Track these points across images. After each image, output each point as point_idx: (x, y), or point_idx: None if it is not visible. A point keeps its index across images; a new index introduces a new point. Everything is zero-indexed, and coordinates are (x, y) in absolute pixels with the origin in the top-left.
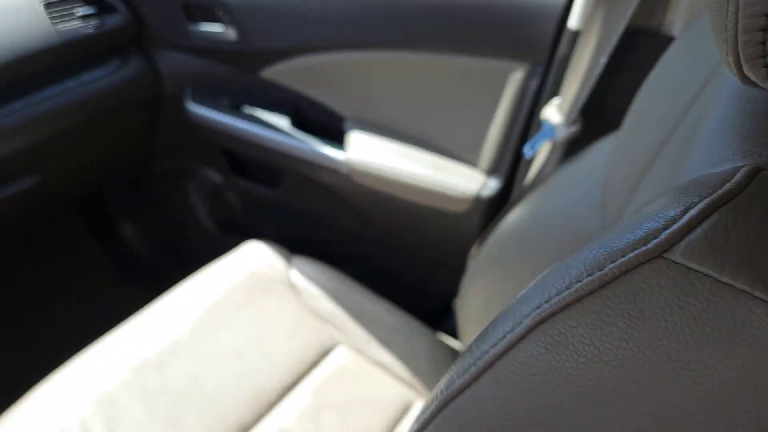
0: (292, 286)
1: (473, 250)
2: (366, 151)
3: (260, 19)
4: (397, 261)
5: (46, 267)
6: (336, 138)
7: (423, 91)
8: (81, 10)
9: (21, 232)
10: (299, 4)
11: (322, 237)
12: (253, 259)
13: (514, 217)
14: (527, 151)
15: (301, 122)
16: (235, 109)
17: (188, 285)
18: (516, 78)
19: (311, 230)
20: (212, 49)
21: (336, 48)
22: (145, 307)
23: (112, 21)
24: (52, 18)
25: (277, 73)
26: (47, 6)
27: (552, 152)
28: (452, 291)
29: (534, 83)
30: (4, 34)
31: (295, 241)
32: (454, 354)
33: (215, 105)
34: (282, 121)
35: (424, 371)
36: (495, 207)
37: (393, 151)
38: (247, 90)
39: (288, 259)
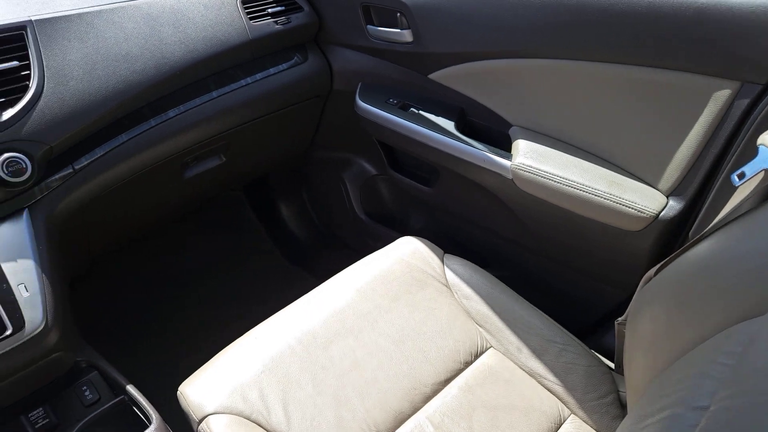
0: (446, 284)
1: (648, 273)
2: (534, 159)
3: (438, 23)
4: (554, 271)
5: (215, 236)
6: (500, 144)
7: (603, 103)
8: (271, 8)
9: (199, 205)
10: (480, 10)
11: (475, 238)
12: (410, 253)
13: (705, 249)
14: (736, 179)
15: (465, 125)
16: (402, 108)
17: (350, 271)
18: (721, 96)
19: (464, 230)
20: (385, 49)
21: (512, 55)
22: (296, 280)
23: (297, 18)
24: (248, 14)
25: (446, 75)
26: (244, 3)
27: (762, 182)
28: (610, 309)
29: (743, 103)
30: (207, 29)
31: (446, 239)
32: (610, 375)
33: (383, 103)
34: (447, 123)
35: (579, 387)
36: (673, 230)
37: (564, 161)
38: (415, 90)
39: (441, 257)
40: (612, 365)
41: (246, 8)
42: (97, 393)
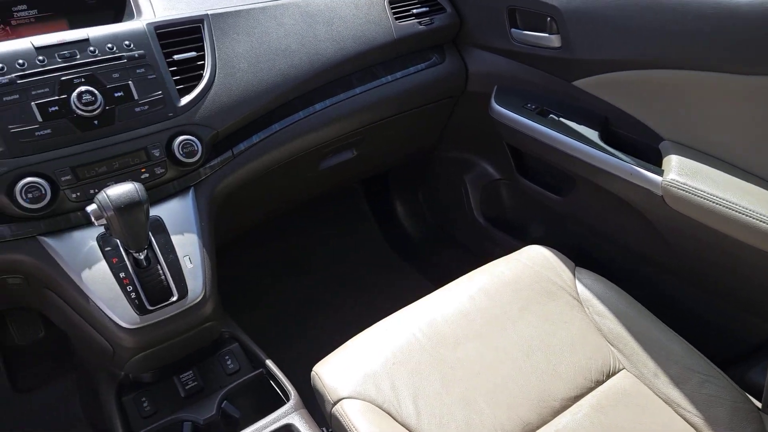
0: (577, 298)
1: None
2: (689, 177)
3: (591, 29)
4: (698, 296)
5: (329, 224)
6: (647, 158)
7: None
8: (416, 9)
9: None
10: (638, 17)
11: (609, 254)
12: (540, 262)
13: None
14: None
15: (609, 135)
16: (540, 114)
17: (477, 275)
18: None
19: (597, 244)
20: (528, 53)
21: (670, 66)
22: (403, 274)
23: (440, 20)
24: (394, 15)
25: (593, 83)
26: (391, 3)
27: None
28: (759, 342)
29: None
30: (357, 28)
31: (575, 251)
32: (757, 415)
33: (520, 107)
34: (590, 132)
35: (722, 423)
36: None
37: (722, 181)
38: (556, 96)
39: (572, 270)
40: (759, 404)
41: (393, 8)
42: (237, 363)
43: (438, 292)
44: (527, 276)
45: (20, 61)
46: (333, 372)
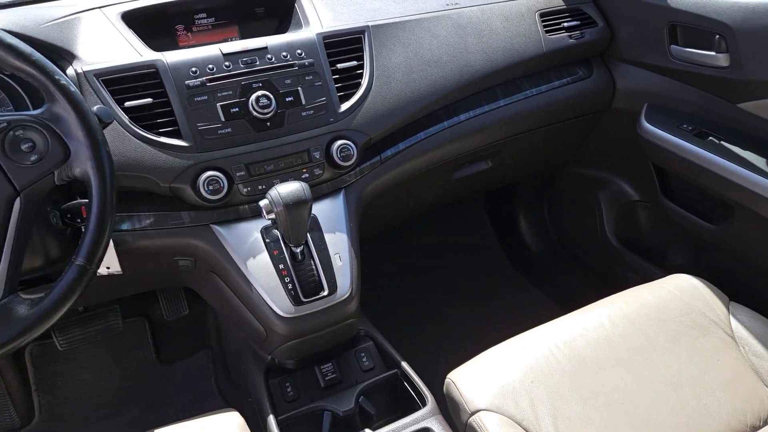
0: (731, 335)
1: None
2: None
3: (765, 48)
4: None
5: (450, 232)
6: None
7: None
8: (567, 22)
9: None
10: None
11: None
12: (690, 293)
13: None
14: None
15: None
16: (698, 136)
17: (619, 299)
18: None
19: (755, 278)
20: (687, 71)
21: None
22: (519, 287)
23: (591, 33)
24: (545, 28)
25: (763, 106)
26: (542, 16)
27: None
28: None
29: None
30: (507, 40)
31: (728, 284)
32: None
33: (674, 128)
34: (757, 158)
35: None
36: None
37: None
38: (716, 118)
39: (726, 304)
40: None
41: (543, 21)
42: (372, 361)
43: (575, 313)
44: (676, 306)
45: (210, 66)
46: (469, 382)
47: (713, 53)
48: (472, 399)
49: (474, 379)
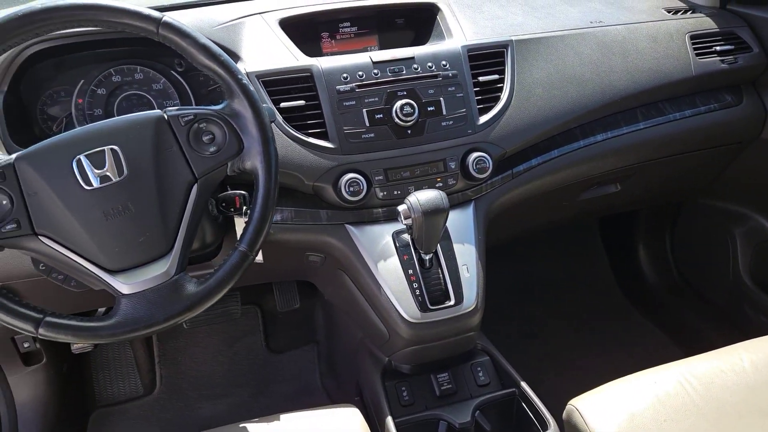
0: None
1: None
2: None
3: None
4: None
5: (561, 253)
6: None
7: None
8: (719, 46)
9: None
10: None
11: None
12: None
13: None
14: None
15: None
16: None
17: (763, 344)
18: None
19: None
20: None
21: None
22: (632, 320)
23: (745, 59)
24: (695, 51)
25: None
26: (693, 38)
27: None
28: None
29: None
30: (653, 61)
31: None
32: None
33: None
34: None
35: None
36: None
37: None
38: None
39: None
40: None
41: (694, 44)
42: (488, 377)
43: (709, 354)
44: None
45: (360, 73)
46: (595, 411)
47: None
48: (599, 430)
49: (600, 409)
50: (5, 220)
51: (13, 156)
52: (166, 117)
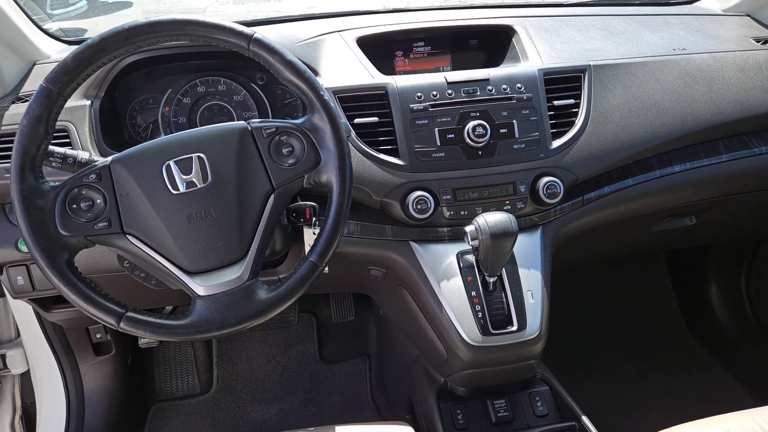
0: None
1: None
2: None
3: None
4: None
5: (627, 285)
6: None
7: None
8: None
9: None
10: None
11: None
12: None
13: None
14: None
15: None
16: None
17: None
18: None
19: None
20: None
21: None
22: (700, 361)
23: None
24: None
25: None
26: None
27: None
28: None
29: None
30: (740, 92)
31: None
32: None
33: None
34: None
35: None
36: None
37: None
38: None
39: None
40: None
41: None
42: (547, 408)
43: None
44: None
45: (434, 93)
46: None
47: None
48: None
49: None
50: (98, 218)
51: (109, 159)
52: (249, 128)
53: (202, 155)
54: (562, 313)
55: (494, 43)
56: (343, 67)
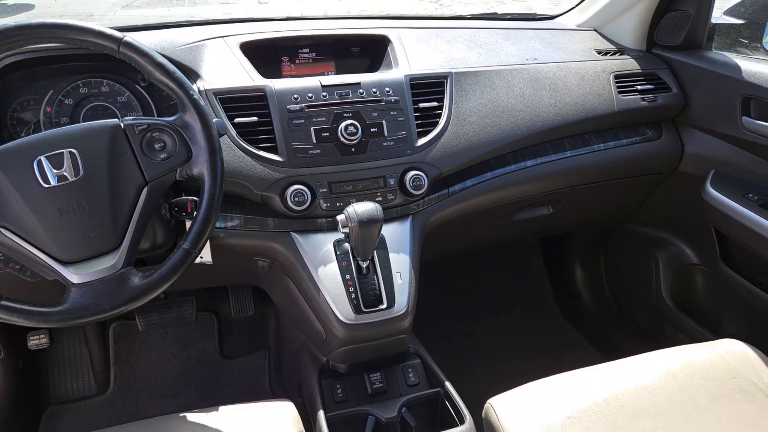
0: None
1: None
2: None
3: None
4: None
5: (504, 272)
6: None
7: None
8: (641, 85)
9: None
10: None
11: None
12: (738, 358)
13: None
14: None
15: None
16: (763, 207)
17: (664, 354)
18: None
19: None
20: (759, 143)
21: None
22: (569, 338)
23: (664, 98)
24: (618, 89)
25: None
26: (617, 77)
27: None
28: None
29: None
30: (580, 97)
31: None
32: None
33: (740, 196)
34: None
35: None
36: None
37: None
38: None
39: None
40: None
41: (617, 82)
42: (417, 378)
43: (619, 361)
44: (722, 369)
45: (309, 95)
46: (508, 409)
47: None
48: (509, 426)
49: (513, 408)
50: None
51: None
52: (122, 125)
53: (73, 150)
54: (445, 294)
55: (374, 51)
56: (225, 70)
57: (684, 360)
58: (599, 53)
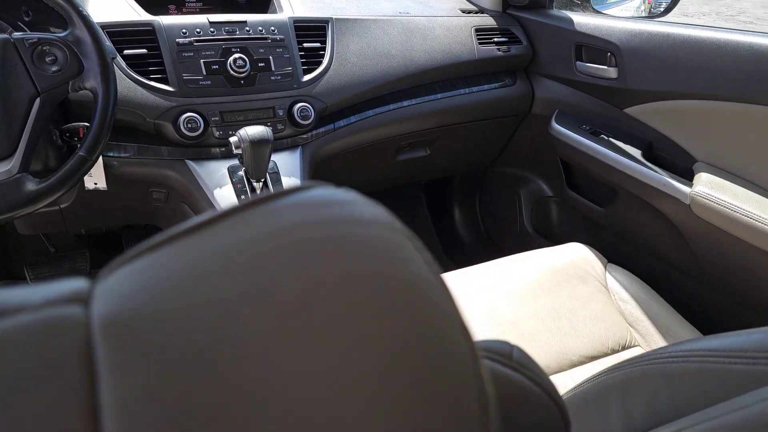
0: (605, 286)
1: None
2: (714, 189)
3: (644, 64)
4: (718, 302)
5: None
6: (681, 176)
7: None
8: (497, 38)
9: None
10: (687, 57)
11: (640, 259)
12: (576, 254)
13: None
14: None
15: (651, 156)
16: (593, 134)
17: (522, 256)
18: None
19: (630, 251)
20: (588, 83)
21: (708, 98)
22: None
23: (516, 49)
24: (478, 40)
25: (641, 111)
26: (477, 31)
27: None
28: None
29: None
30: (446, 45)
31: (612, 253)
32: None
33: (577, 128)
34: (634, 151)
35: None
36: None
37: (745, 195)
38: (608, 121)
39: (604, 265)
40: None
41: (477, 35)
42: None
43: (483, 264)
44: (563, 263)
45: (198, 30)
46: None
47: (606, 67)
48: None
49: None
50: None
51: None
52: (12, 39)
53: None
54: None
55: (259, 4)
56: (112, 8)
57: (535, 258)
58: (463, 12)
